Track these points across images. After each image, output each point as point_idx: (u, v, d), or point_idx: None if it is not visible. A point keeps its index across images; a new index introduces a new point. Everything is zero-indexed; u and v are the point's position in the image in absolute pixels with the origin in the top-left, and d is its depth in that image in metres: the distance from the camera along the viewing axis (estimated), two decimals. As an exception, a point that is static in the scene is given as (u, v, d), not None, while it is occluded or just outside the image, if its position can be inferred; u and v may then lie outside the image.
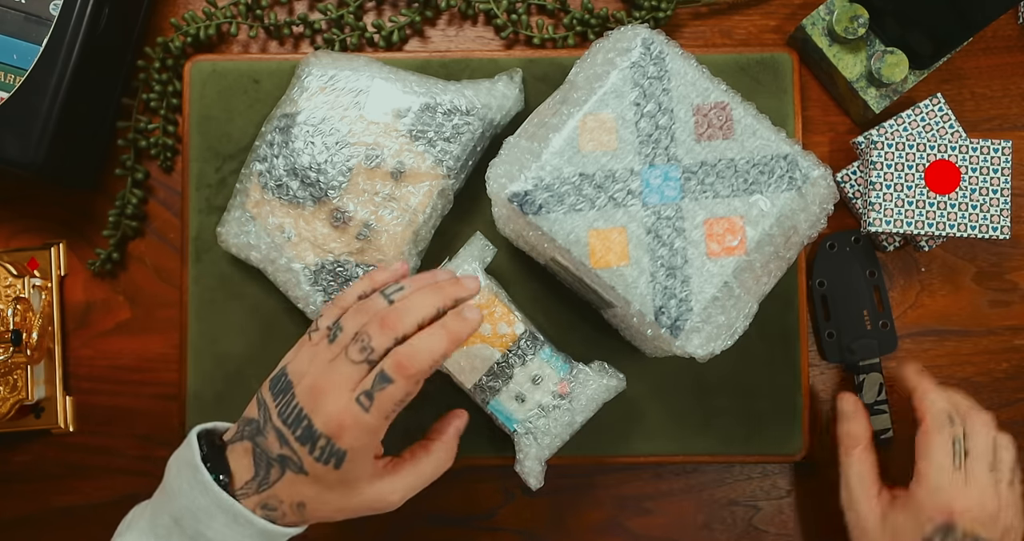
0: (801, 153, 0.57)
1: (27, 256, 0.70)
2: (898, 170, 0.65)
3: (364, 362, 0.49)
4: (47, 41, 0.63)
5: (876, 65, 0.66)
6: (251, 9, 0.71)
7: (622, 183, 0.56)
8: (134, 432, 0.70)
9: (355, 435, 0.49)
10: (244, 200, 0.64)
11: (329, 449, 0.49)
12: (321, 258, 0.63)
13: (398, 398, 0.49)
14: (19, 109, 0.62)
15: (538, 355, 0.62)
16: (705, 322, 0.55)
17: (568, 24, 0.70)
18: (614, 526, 0.70)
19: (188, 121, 0.68)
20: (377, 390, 0.49)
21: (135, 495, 0.70)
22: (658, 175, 0.56)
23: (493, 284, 0.64)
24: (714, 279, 0.55)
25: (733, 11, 0.72)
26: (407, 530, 0.70)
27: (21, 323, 0.67)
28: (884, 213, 0.65)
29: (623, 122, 0.56)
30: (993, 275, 0.71)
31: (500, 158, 0.57)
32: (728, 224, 0.56)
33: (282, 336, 0.67)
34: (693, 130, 0.56)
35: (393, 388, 0.49)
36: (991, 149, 0.66)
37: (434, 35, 0.72)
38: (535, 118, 0.59)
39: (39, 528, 0.70)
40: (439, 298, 0.51)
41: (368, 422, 0.49)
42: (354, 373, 0.49)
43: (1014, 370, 0.71)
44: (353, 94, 0.63)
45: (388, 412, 0.49)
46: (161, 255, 0.71)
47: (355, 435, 0.49)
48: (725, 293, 0.56)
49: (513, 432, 0.62)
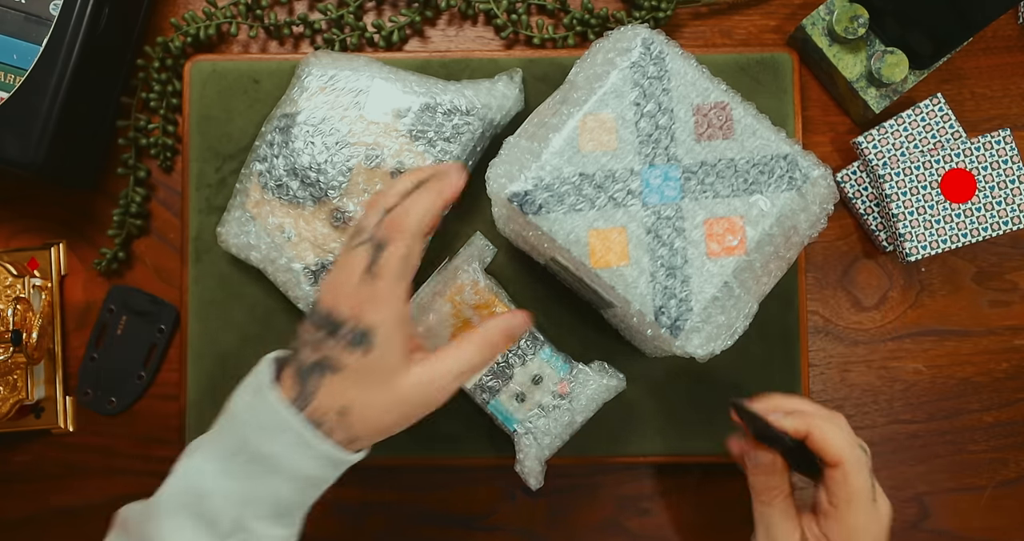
0: (801, 153, 0.57)
1: (27, 256, 0.70)
2: (914, 194, 0.66)
3: (363, 243, 0.50)
4: (47, 41, 0.63)
5: (876, 65, 0.66)
6: (251, 9, 0.71)
7: (622, 183, 0.56)
8: (134, 432, 0.70)
9: (373, 308, 0.49)
10: (244, 200, 0.64)
11: (356, 332, 0.49)
12: (321, 258, 0.63)
13: (399, 255, 0.49)
14: (19, 109, 0.62)
15: (538, 355, 0.62)
16: (705, 322, 0.55)
17: (568, 24, 0.70)
18: (614, 526, 0.70)
19: (188, 121, 0.68)
20: (378, 255, 0.49)
21: (135, 495, 0.70)
22: (658, 175, 0.56)
23: (493, 284, 0.64)
24: (714, 279, 0.55)
25: (733, 11, 0.72)
26: (407, 530, 0.70)
27: (21, 323, 0.67)
28: (917, 240, 0.65)
29: (623, 122, 0.56)
30: (993, 275, 0.71)
31: (500, 158, 0.57)
32: (728, 224, 0.56)
33: (282, 336, 0.67)
34: (693, 130, 0.56)
35: (391, 248, 0.49)
36: (993, 143, 0.66)
37: (434, 35, 0.72)
38: (535, 118, 0.59)
39: (39, 528, 0.70)
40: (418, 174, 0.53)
41: (381, 290, 0.49)
42: (358, 256, 0.50)
43: (1014, 370, 0.71)
44: (353, 94, 0.63)
45: (395, 274, 0.49)
46: (161, 255, 0.71)
47: (373, 308, 0.49)
48: (725, 293, 0.56)
49: (513, 432, 0.62)
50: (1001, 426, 0.71)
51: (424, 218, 0.50)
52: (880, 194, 0.67)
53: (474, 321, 0.61)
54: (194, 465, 0.51)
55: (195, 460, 0.51)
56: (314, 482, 0.50)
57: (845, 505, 0.53)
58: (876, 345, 0.71)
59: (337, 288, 0.50)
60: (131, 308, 0.70)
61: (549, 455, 0.63)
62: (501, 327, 0.53)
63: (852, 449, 0.53)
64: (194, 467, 0.51)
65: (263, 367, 0.51)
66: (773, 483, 0.56)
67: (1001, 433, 0.71)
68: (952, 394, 0.71)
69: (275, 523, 0.50)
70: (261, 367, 0.52)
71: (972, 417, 0.71)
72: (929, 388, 0.71)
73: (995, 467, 0.71)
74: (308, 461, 0.49)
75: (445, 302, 0.62)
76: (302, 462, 0.49)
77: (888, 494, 0.71)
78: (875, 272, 0.71)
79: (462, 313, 0.62)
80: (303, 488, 0.50)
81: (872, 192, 0.69)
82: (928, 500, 0.71)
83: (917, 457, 0.71)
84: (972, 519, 0.71)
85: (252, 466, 0.49)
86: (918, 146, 0.67)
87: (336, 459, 0.50)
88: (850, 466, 0.53)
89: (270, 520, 0.50)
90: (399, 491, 0.63)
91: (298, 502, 0.51)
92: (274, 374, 0.51)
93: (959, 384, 0.71)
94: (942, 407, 0.71)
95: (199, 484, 0.50)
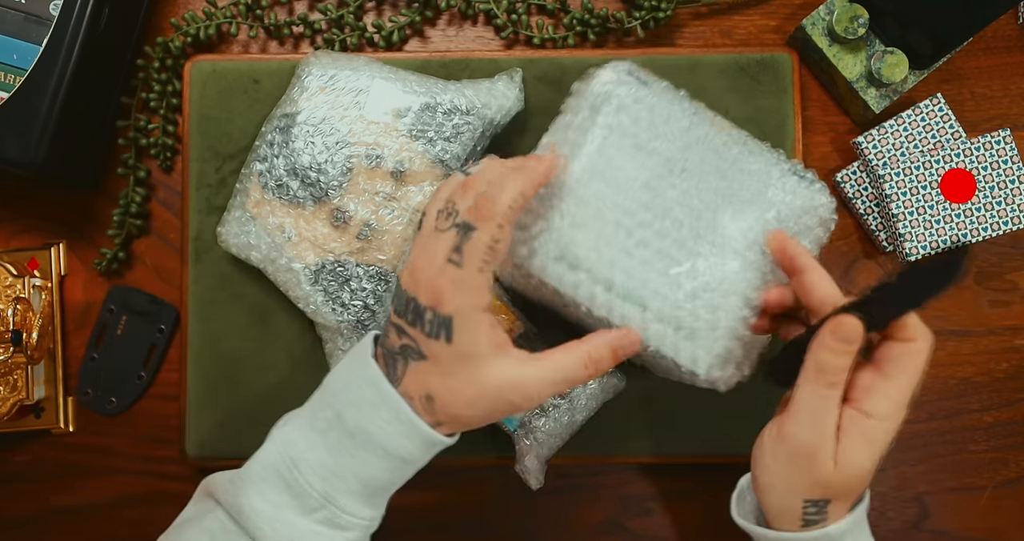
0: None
1: (27, 256, 0.70)
2: (914, 194, 0.66)
3: (451, 228, 0.48)
4: (47, 41, 0.63)
5: (876, 65, 0.66)
6: (251, 9, 0.71)
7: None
8: (134, 432, 0.70)
9: (454, 295, 0.47)
10: (244, 200, 0.64)
11: (437, 320, 0.47)
12: (321, 258, 0.63)
13: (486, 243, 0.47)
14: (19, 109, 0.62)
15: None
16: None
17: (568, 24, 0.70)
18: (614, 526, 0.70)
19: (188, 121, 0.68)
20: (464, 242, 0.47)
21: (135, 495, 0.70)
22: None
23: (496, 289, 0.63)
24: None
25: (733, 11, 0.72)
26: (407, 530, 0.70)
27: (21, 323, 0.67)
28: (917, 240, 0.65)
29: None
30: (993, 275, 0.71)
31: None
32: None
33: (282, 336, 0.67)
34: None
35: (478, 234, 0.47)
36: (993, 143, 0.66)
37: (434, 35, 0.72)
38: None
39: (39, 528, 0.70)
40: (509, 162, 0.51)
41: (463, 277, 0.47)
42: (445, 241, 0.48)
43: (1014, 370, 0.71)
44: (353, 94, 0.63)
45: (480, 262, 0.47)
46: (161, 255, 0.71)
47: (454, 295, 0.47)
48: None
49: (513, 432, 0.62)
50: (1001, 426, 0.71)
51: (515, 204, 0.48)
52: (880, 194, 0.67)
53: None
54: (288, 435, 0.50)
55: (289, 431, 0.51)
56: (405, 461, 0.50)
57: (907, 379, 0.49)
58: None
59: (419, 272, 0.48)
60: (131, 308, 0.70)
61: (549, 455, 0.63)
62: (610, 344, 0.51)
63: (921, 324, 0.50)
64: (287, 437, 0.50)
65: (364, 343, 0.51)
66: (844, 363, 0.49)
67: (1001, 433, 0.71)
68: (952, 394, 0.71)
69: (362, 502, 0.50)
70: (363, 343, 0.51)
71: (972, 417, 0.71)
72: (929, 388, 0.71)
73: (995, 467, 0.71)
74: (403, 439, 0.49)
75: None
76: (397, 440, 0.49)
77: (888, 494, 0.72)
78: (875, 272, 0.71)
79: None
80: (393, 467, 0.50)
81: (872, 192, 0.69)
82: (928, 500, 0.71)
83: (917, 457, 0.71)
84: (972, 519, 0.71)
85: (346, 440, 0.49)
86: (918, 146, 0.67)
87: (430, 439, 0.49)
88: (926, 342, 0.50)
89: (358, 497, 0.50)
90: (398, 491, 0.63)
91: (387, 481, 0.50)
92: (373, 351, 0.50)
93: (959, 384, 0.71)
94: (942, 407, 0.71)
95: (291, 454, 0.49)
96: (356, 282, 0.62)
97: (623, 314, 0.53)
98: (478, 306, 0.48)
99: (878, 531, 0.71)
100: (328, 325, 0.63)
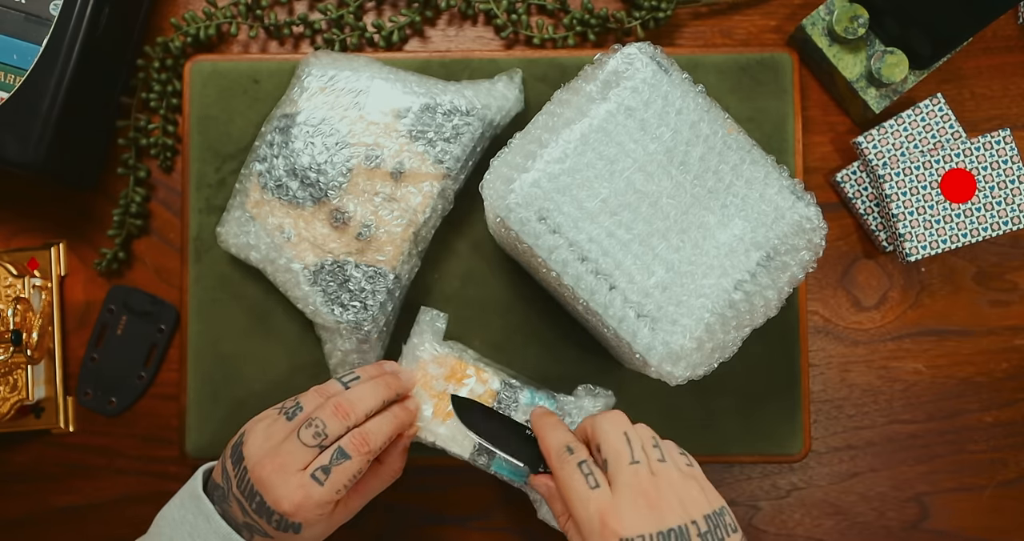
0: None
1: (27, 256, 0.70)
2: (914, 194, 0.66)
3: (316, 446, 0.53)
4: (47, 41, 0.63)
5: (876, 65, 0.66)
6: (251, 9, 0.71)
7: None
8: (134, 432, 0.70)
9: (308, 511, 0.52)
10: (244, 200, 0.64)
11: (285, 522, 0.53)
12: (321, 258, 0.63)
13: (352, 473, 0.53)
14: (19, 109, 0.62)
15: (521, 402, 0.61)
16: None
17: (568, 24, 0.70)
18: (614, 526, 0.70)
19: (188, 121, 0.68)
20: (335, 465, 0.53)
21: (135, 495, 0.70)
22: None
23: (455, 349, 0.62)
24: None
25: (733, 11, 0.72)
26: (407, 530, 0.70)
27: (21, 323, 0.67)
28: (917, 240, 0.65)
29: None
30: (993, 275, 0.71)
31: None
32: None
33: (282, 336, 0.67)
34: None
35: (350, 464, 0.53)
36: (993, 143, 0.66)
37: (434, 35, 0.72)
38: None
39: (39, 528, 0.70)
40: (385, 391, 0.57)
41: (321, 497, 0.52)
42: (305, 455, 0.53)
43: (1014, 370, 0.71)
44: (353, 94, 0.63)
45: (341, 486, 0.53)
46: (161, 255, 0.71)
47: (308, 511, 0.52)
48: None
49: (523, 485, 0.61)
50: (1001, 426, 0.71)
51: (382, 446, 0.55)
52: (880, 194, 0.67)
53: (448, 390, 0.61)
54: None
55: None
56: None
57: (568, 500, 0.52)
58: (876, 345, 0.71)
59: (272, 475, 0.52)
60: (131, 308, 0.70)
61: None
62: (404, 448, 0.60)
63: (555, 449, 0.53)
64: None
65: (197, 477, 0.56)
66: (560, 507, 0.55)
67: (1001, 433, 0.71)
68: (952, 394, 0.71)
69: None
70: (196, 476, 0.56)
71: (972, 417, 0.71)
72: (929, 388, 0.71)
73: (995, 467, 0.71)
74: None
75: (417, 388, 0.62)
76: None
77: (888, 494, 0.72)
78: (875, 272, 0.71)
79: (434, 387, 0.61)
80: None
81: (872, 192, 0.69)
82: (928, 500, 0.71)
83: (917, 457, 0.71)
84: (972, 519, 0.71)
85: None
86: (918, 146, 0.67)
87: None
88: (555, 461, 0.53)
89: None
90: (398, 491, 0.63)
91: None
92: (203, 485, 0.55)
93: (959, 384, 0.71)
94: (942, 407, 0.71)
95: None
96: (355, 283, 0.62)
97: (590, 288, 0.54)
98: (327, 519, 0.55)
99: (878, 531, 0.71)
100: (327, 325, 0.63)
